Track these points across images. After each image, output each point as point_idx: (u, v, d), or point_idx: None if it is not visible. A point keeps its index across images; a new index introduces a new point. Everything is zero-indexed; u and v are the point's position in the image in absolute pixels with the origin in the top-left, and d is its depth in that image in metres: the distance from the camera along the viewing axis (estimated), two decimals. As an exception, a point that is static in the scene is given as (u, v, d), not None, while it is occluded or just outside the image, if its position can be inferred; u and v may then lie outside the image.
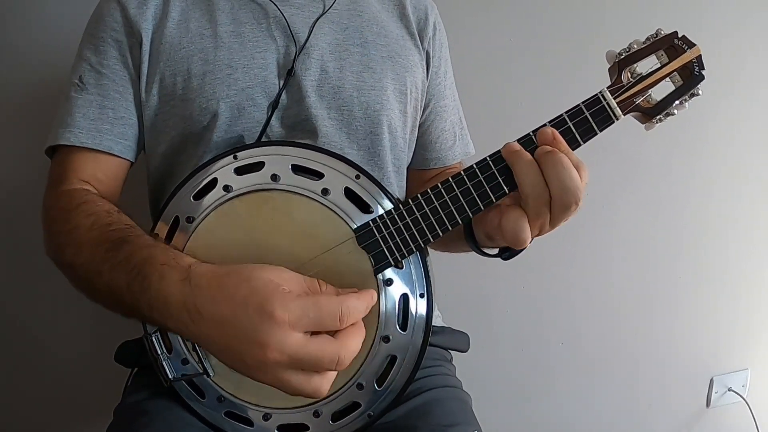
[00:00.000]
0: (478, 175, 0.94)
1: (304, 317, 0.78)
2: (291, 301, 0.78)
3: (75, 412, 1.89)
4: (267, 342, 0.77)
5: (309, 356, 0.79)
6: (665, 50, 0.93)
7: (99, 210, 1.04)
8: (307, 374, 0.81)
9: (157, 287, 0.84)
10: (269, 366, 0.79)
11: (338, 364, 0.81)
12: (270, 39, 1.17)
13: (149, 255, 0.89)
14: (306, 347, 0.79)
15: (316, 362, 0.80)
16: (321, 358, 0.80)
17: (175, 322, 0.84)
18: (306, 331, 0.79)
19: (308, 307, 0.79)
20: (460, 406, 1.17)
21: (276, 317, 0.77)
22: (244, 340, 0.79)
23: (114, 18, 1.16)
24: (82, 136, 1.13)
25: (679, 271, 2.29)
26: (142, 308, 0.86)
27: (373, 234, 0.96)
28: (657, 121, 0.95)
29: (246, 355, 0.80)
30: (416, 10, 1.32)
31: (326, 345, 0.80)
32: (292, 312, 0.78)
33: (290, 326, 0.78)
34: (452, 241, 1.20)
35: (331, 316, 0.80)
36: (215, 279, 0.83)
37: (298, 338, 0.78)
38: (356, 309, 0.84)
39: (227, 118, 1.12)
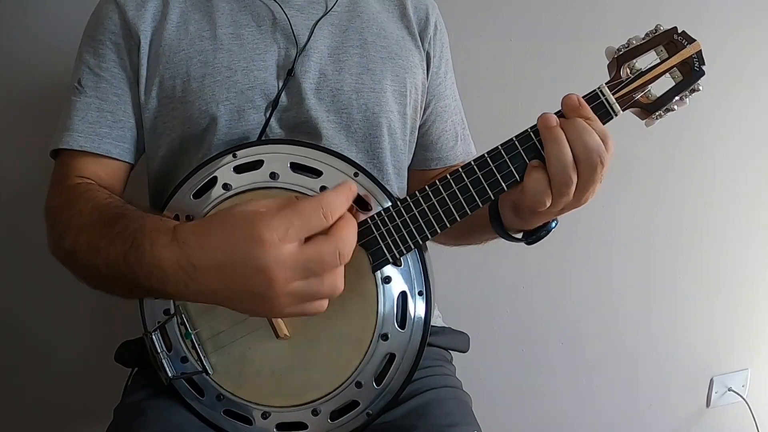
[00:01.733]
0: (476, 172, 0.94)
1: (290, 227, 0.78)
2: (272, 219, 0.78)
3: (75, 412, 1.89)
4: (266, 266, 0.77)
5: (310, 259, 0.79)
6: (665, 46, 0.93)
7: (99, 195, 1.05)
8: (317, 278, 0.81)
9: (151, 254, 0.84)
10: (279, 288, 0.79)
11: (341, 257, 0.81)
12: (270, 41, 1.17)
13: (140, 225, 0.89)
14: (304, 253, 0.79)
15: (319, 262, 0.79)
16: (322, 257, 0.79)
17: (174, 285, 0.83)
18: (298, 241, 0.79)
19: (290, 217, 0.79)
20: (459, 407, 1.17)
21: (264, 239, 0.77)
22: (245, 275, 0.79)
23: (112, 21, 1.16)
24: (81, 140, 1.13)
25: (679, 271, 2.29)
26: (140, 279, 0.86)
27: (371, 231, 0.96)
28: (657, 116, 0.94)
29: (254, 289, 0.79)
30: (417, 10, 1.31)
31: (322, 244, 0.80)
32: (277, 228, 0.77)
33: (281, 241, 0.77)
34: (472, 230, 1.22)
35: (314, 215, 0.80)
36: (199, 229, 0.83)
37: (292, 249, 0.78)
38: (336, 201, 0.82)
39: (227, 121, 1.12)
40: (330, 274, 0.82)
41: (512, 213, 1.03)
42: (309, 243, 0.79)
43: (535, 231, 1.05)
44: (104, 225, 0.94)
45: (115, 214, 0.96)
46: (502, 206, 1.05)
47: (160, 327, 1.05)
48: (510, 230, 1.08)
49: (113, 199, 1.04)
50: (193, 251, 0.81)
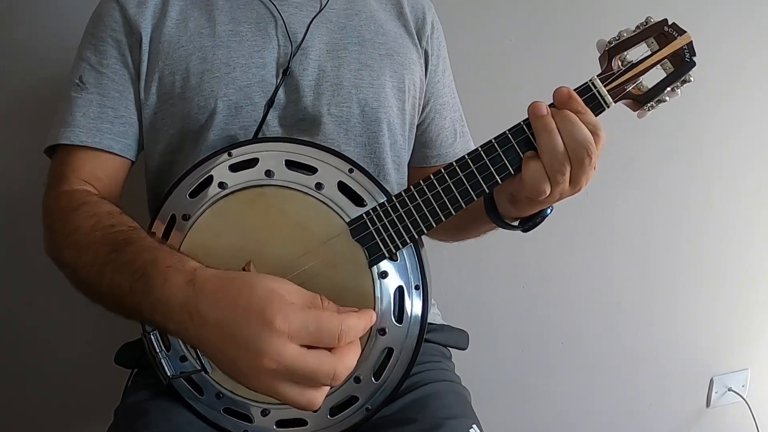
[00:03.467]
0: (470, 166, 0.94)
1: (303, 329, 0.77)
2: (292, 312, 0.77)
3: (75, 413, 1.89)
4: (264, 350, 0.76)
5: (305, 369, 0.78)
6: (655, 38, 0.93)
7: (101, 211, 1.03)
8: (301, 387, 0.80)
9: (161, 290, 0.83)
10: (263, 374, 0.78)
11: (333, 380, 0.80)
12: (268, 38, 1.17)
13: (153, 257, 0.88)
14: (303, 359, 0.77)
15: (311, 375, 0.78)
16: (317, 372, 0.78)
17: (176, 325, 0.83)
18: (303, 344, 0.78)
19: (309, 320, 0.78)
20: (458, 400, 1.17)
21: (275, 326, 0.76)
22: (241, 346, 0.78)
23: (113, 18, 1.17)
24: (83, 135, 1.14)
25: (679, 271, 2.29)
26: (144, 310, 0.85)
27: (366, 226, 0.96)
28: (649, 108, 0.95)
29: (242, 361, 0.78)
30: (414, 9, 1.32)
31: (323, 359, 0.79)
32: (292, 323, 0.77)
33: (289, 337, 0.76)
34: (469, 223, 1.22)
35: (330, 332, 0.79)
36: (219, 283, 0.82)
37: (295, 349, 0.77)
38: (355, 328, 0.82)
39: (225, 117, 1.13)
40: (313, 390, 0.81)
41: (509, 203, 1.03)
42: (312, 352, 0.79)
43: (531, 218, 1.05)
44: (110, 249, 0.93)
45: (121, 240, 0.94)
46: (498, 196, 1.06)
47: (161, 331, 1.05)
48: (506, 218, 1.08)
49: (116, 219, 1.02)
50: (207, 302, 0.81)
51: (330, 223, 0.98)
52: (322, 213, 0.98)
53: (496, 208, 1.07)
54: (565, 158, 0.90)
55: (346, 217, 0.97)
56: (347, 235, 0.97)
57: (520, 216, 1.06)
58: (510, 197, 1.02)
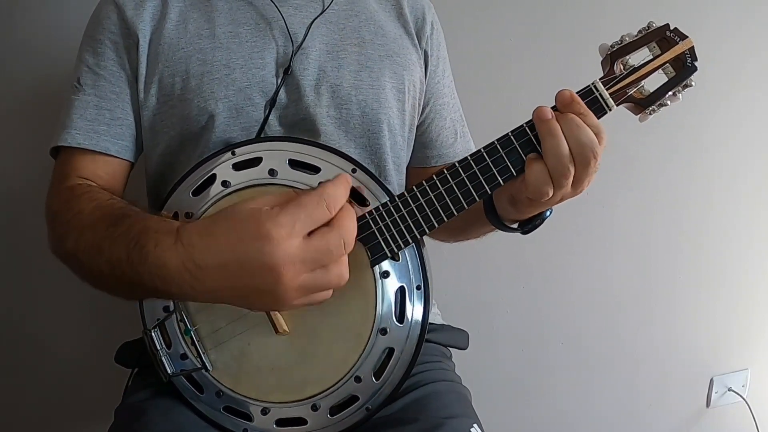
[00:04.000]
0: (473, 167, 0.94)
1: (296, 222, 0.80)
2: (278, 216, 0.80)
3: (75, 412, 1.89)
4: (275, 263, 0.79)
5: (317, 251, 0.81)
6: (657, 42, 0.94)
7: (101, 196, 1.05)
8: (324, 269, 0.83)
9: (155, 254, 0.85)
10: (288, 283, 0.81)
11: (346, 246, 0.84)
12: (268, 39, 1.17)
13: (144, 226, 0.90)
14: (310, 246, 0.81)
15: (325, 253, 0.82)
16: (329, 247, 0.82)
17: (178, 287, 0.84)
18: (304, 234, 0.81)
19: (295, 212, 0.80)
20: (458, 399, 1.18)
21: (272, 236, 0.78)
22: (254, 273, 0.80)
23: (111, 20, 1.17)
24: (79, 137, 1.14)
25: (679, 271, 2.29)
26: (144, 279, 0.86)
27: (369, 226, 0.96)
28: (650, 112, 0.95)
29: (262, 286, 0.81)
30: (413, 9, 1.32)
31: (327, 235, 0.82)
32: (283, 224, 0.79)
33: (288, 236, 0.79)
34: (470, 224, 1.22)
35: (318, 208, 0.82)
36: (203, 229, 0.84)
37: (300, 243, 0.80)
38: (336, 193, 0.85)
39: (225, 118, 1.13)
40: (336, 264, 0.84)
41: (509, 204, 1.03)
42: (314, 235, 0.82)
43: (531, 220, 1.06)
44: (107, 225, 0.94)
45: (118, 214, 0.96)
46: (498, 198, 1.06)
47: (160, 324, 1.05)
48: (505, 220, 1.08)
49: (115, 200, 1.04)
50: (198, 252, 0.82)
51: None
52: None
53: (495, 210, 1.07)
54: (570, 161, 0.91)
55: (348, 216, 0.97)
56: None
57: (519, 218, 1.07)
58: (510, 198, 1.02)
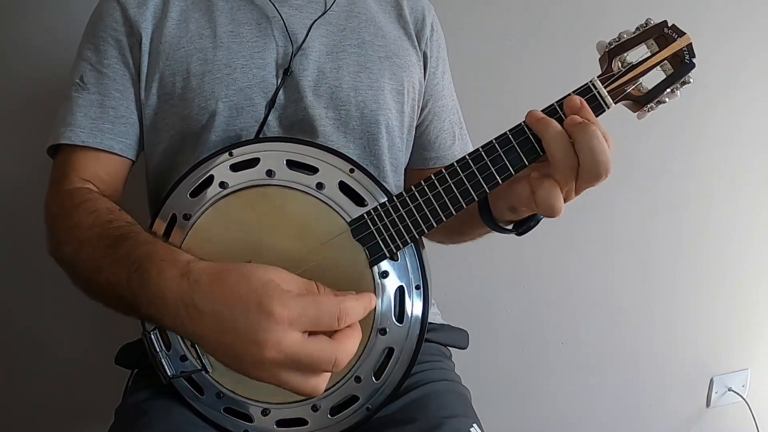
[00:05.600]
0: (471, 166, 0.94)
1: (303, 316, 0.77)
2: (290, 300, 0.78)
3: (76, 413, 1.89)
4: (265, 340, 0.76)
5: (307, 356, 0.78)
6: (655, 39, 0.94)
7: (100, 208, 1.04)
8: (304, 374, 0.80)
9: (156, 283, 0.84)
10: (266, 364, 0.78)
11: (335, 366, 0.80)
12: (268, 39, 1.17)
13: (149, 251, 0.89)
14: (304, 347, 0.78)
15: (313, 363, 0.79)
16: (319, 359, 0.79)
17: (172, 319, 0.83)
18: (304, 331, 0.79)
19: (307, 305, 0.78)
20: (458, 399, 1.17)
21: (275, 315, 0.76)
22: (241, 338, 0.78)
23: (114, 18, 1.17)
24: (84, 135, 1.14)
25: (679, 271, 2.29)
26: (141, 305, 0.86)
27: (367, 226, 0.96)
28: (648, 109, 0.95)
29: (243, 353, 0.79)
30: (413, 11, 1.33)
31: (324, 345, 0.79)
32: (291, 310, 0.77)
33: (289, 324, 0.77)
34: (466, 226, 1.21)
35: (329, 315, 0.79)
36: (214, 275, 0.82)
37: (296, 337, 0.77)
38: (354, 310, 0.83)
39: (225, 118, 1.13)
40: (316, 377, 0.81)
41: (508, 210, 1.02)
42: (312, 339, 0.79)
43: (525, 221, 1.04)
44: (107, 244, 0.94)
45: (118, 234, 0.95)
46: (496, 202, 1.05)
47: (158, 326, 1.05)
48: (500, 222, 1.07)
49: (115, 215, 1.03)
50: (202, 295, 0.81)
51: (331, 223, 0.98)
52: (323, 213, 0.98)
53: (491, 212, 1.06)
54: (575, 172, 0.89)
55: (347, 216, 0.97)
56: (348, 234, 0.97)
57: (514, 219, 1.06)
58: (511, 208, 1.00)
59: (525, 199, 0.95)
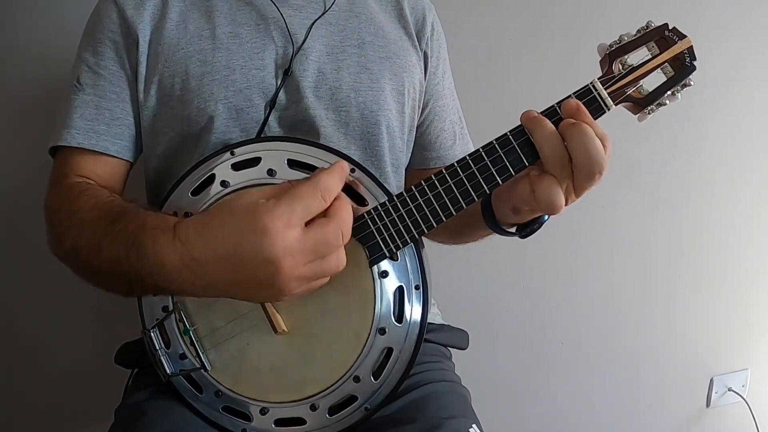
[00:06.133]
0: (471, 166, 0.94)
1: (292, 213, 0.81)
2: (274, 208, 0.81)
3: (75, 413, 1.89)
4: (274, 255, 0.80)
5: (315, 242, 0.82)
6: (656, 42, 0.93)
7: (100, 194, 1.05)
8: (323, 258, 0.85)
9: (153, 252, 0.86)
10: (287, 275, 0.82)
11: (344, 236, 0.86)
12: (268, 40, 1.17)
13: (142, 223, 0.90)
14: (308, 236, 0.82)
15: (324, 243, 0.83)
16: (326, 238, 0.83)
17: (179, 284, 0.86)
18: (301, 226, 0.82)
19: (290, 203, 0.82)
20: (458, 400, 1.17)
21: (270, 229, 0.79)
22: (253, 266, 0.81)
23: (111, 19, 1.17)
24: (79, 137, 1.14)
25: (679, 271, 2.30)
26: (143, 276, 0.87)
27: (367, 226, 0.96)
28: (649, 111, 0.95)
29: (263, 279, 0.82)
30: (414, 11, 1.32)
31: (324, 225, 0.84)
32: (279, 216, 0.80)
33: (285, 228, 0.80)
34: (468, 227, 1.22)
35: (313, 199, 0.83)
36: (200, 225, 0.85)
37: (297, 234, 0.81)
38: (331, 182, 0.86)
39: (225, 119, 1.13)
40: (334, 253, 0.85)
41: (511, 212, 1.02)
42: (312, 226, 0.83)
43: (528, 224, 1.04)
44: (106, 223, 0.95)
45: (116, 211, 0.96)
46: (499, 204, 1.04)
47: (159, 324, 1.05)
48: (503, 225, 1.07)
49: (114, 197, 1.04)
50: (196, 248, 0.83)
51: None
52: None
53: (494, 215, 1.06)
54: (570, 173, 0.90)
55: (347, 216, 0.98)
56: None
57: (518, 222, 1.06)
58: (514, 208, 1.00)
59: (526, 198, 0.95)
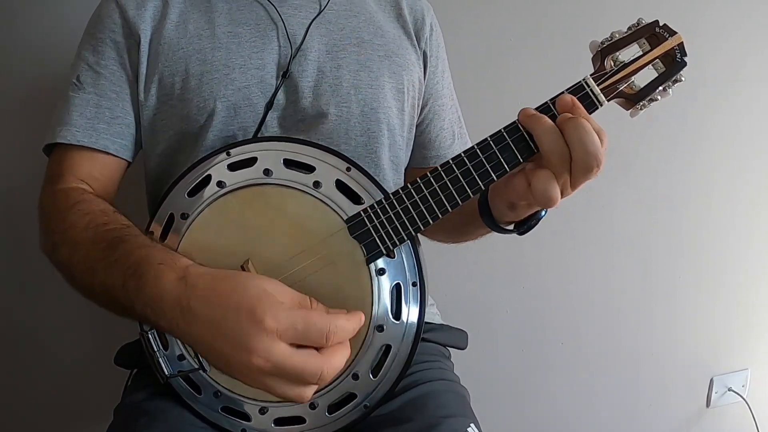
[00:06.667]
0: (466, 163, 0.94)
1: (292, 329, 0.80)
2: (281, 311, 0.80)
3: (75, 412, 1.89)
4: (254, 347, 0.79)
5: (292, 367, 0.81)
6: (647, 38, 0.94)
7: (95, 209, 1.05)
8: (289, 383, 0.83)
9: (153, 285, 0.85)
10: (253, 371, 0.81)
11: (320, 379, 0.83)
12: (267, 39, 1.18)
13: (146, 254, 0.90)
14: (290, 358, 0.81)
15: (298, 374, 0.82)
16: (303, 371, 0.82)
17: (167, 321, 0.85)
18: (292, 343, 0.81)
19: (298, 319, 0.81)
20: (456, 399, 1.17)
21: (265, 324, 0.79)
22: (231, 343, 0.81)
23: (113, 19, 1.18)
24: (79, 135, 1.14)
25: (679, 271, 2.29)
26: (136, 307, 0.87)
27: (364, 224, 0.97)
28: (641, 107, 0.95)
29: (232, 358, 0.82)
30: (412, 11, 1.33)
31: (310, 358, 0.82)
32: (281, 321, 0.80)
33: (277, 335, 0.80)
34: (466, 226, 1.21)
35: (318, 332, 0.82)
36: (211, 281, 0.85)
37: (283, 348, 0.80)
38: (344, 329, 0.85)
39: (224, 118, 1.13)
40: (302, 387, 0.85)
41: (508, 209, 1.02)
42: (300, 351, 0.82)
43: (526, 221, 1.04)
44: (103, 247, 0.95)
45: (114, 237, 0.96)
46: (495, 202, 1.05)
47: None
48: (500, 222, 1.07)
49: (109, 217, 1.03)
50: (198, 299, 0.83)
51: (328, 221, 0.98)
52: (320, 211, 0.99)
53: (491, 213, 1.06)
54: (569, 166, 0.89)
55: (343, 214, 0.98)
56: (345, 232, 0.97)
57: (515, 219, 1.06)
58: (510, 204, 1.01)
59: (522, 192, 0.94)
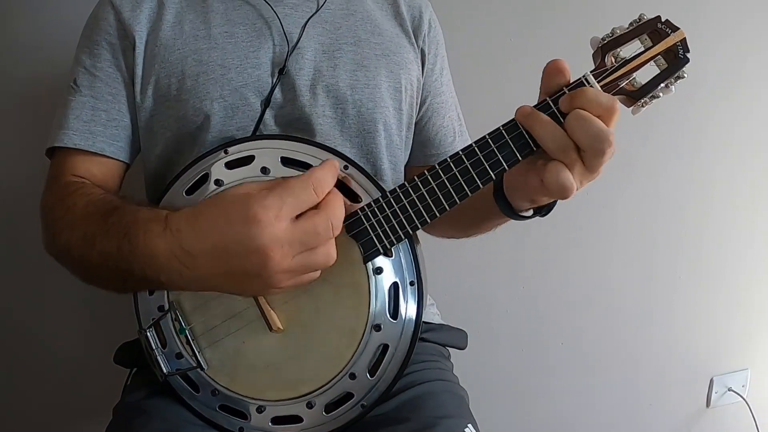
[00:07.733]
0: (464, 162, 0.93)
1: (283, 204, 0.81)
2: (265, 198, 0.81)
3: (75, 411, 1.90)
4: (263, 244, 0.80)
5: (305, 233, 0.83)
6: (649, 35, 0.93)
7: (95, 191, 1.06)
8: (311, 251, 0.85)
9: (144, 244, 0.86)
10: (276, 266, 0.82)
11: (334, 229, 0.85)
12: (263, 39, 1.18)
13: (135, 217, 0.91)
14: (298, 228, 0.82)
15: (313, 236, 0.83)
16: (316, 230, 0.83)
17: (168, 274, 0.86)
18: (291, 217, 0.82)
19: (282, 194, 0.82)
20: (454, 400, 1.17)
21: (260, 219, 0.80)
22: (242, 256, 0.81)
23: (108, 22, 1.18)
24: (75, 138, 1.15)
25: (679, 271, 2.29)
26: (135, 269, 0.88)
27: (361, 222, 0.96)
28: (642, 104, 0.94)
29: (251, 269, 0.82)
30: (410, 8, 1.33)
31: (314, 218, 0.84)
32: (270, 206, 0.81)
33: (276, 219, 0.80)
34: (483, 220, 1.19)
35: (305, 191, 0.84)
36: (191, 216, 0.86)
37: (287, 225, 0.82)
38: (323, 177, 0.86)
39: (221, 118, 1.13)
40: (324, 246, 0.85)
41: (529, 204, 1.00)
42: (302, 218, 0.83)
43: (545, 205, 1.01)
44: (99, 218, 0.96)
45: (109, 207, 0.97)
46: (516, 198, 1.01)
47: (155, 323, 1.05)
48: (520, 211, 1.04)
49: (107, 195, 1.05)
50: (187, 238, 0.84)
51: None
52: None
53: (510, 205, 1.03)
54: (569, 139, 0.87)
55: (341, 213, 0.97)
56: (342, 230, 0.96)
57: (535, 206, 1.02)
58: (531, 200, 0.99)
59: (539, 188, 0.93)
